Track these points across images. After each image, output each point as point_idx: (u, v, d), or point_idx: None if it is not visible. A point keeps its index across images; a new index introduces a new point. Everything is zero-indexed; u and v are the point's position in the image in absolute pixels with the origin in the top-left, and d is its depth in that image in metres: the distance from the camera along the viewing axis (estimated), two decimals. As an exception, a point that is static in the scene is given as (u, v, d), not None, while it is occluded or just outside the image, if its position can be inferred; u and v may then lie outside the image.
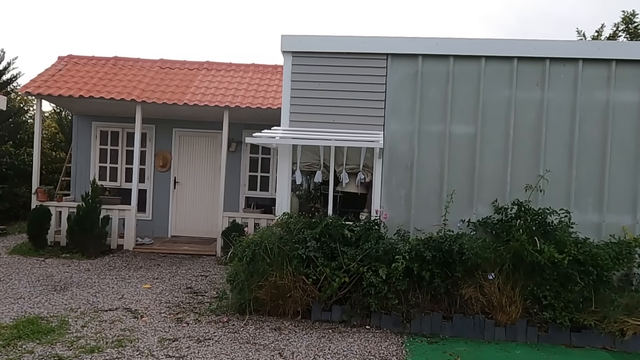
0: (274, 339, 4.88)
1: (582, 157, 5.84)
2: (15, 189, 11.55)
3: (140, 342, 4.65)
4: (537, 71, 5.89)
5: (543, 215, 5.44)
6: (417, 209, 5.96)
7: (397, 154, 6.01)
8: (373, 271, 5.27)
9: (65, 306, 5.61)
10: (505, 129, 5.91)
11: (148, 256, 8.67)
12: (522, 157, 5.88)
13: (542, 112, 5.87)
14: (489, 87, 5.93)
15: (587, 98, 5.86)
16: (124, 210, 9.06)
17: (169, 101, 8.85)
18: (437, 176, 5.97)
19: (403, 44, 5.97)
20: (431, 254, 5.19)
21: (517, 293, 5.20)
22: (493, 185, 5.89)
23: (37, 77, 9.36)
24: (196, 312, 5.62)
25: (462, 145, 5.96)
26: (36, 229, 8.46)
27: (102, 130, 10.52)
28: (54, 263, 7.77)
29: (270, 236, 5.51)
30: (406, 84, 6.02)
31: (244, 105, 8.85)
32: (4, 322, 4.95)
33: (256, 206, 9.98)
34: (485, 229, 5.73)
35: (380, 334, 5.20)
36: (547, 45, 5.84)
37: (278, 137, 5.92)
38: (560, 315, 5.13)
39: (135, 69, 10.09)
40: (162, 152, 10.46)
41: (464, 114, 5.97)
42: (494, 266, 5.26)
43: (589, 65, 5.86)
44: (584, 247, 5.24)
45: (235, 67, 10.45)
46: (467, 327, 5.27)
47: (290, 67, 6.13)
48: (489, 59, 5.91)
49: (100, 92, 8.92)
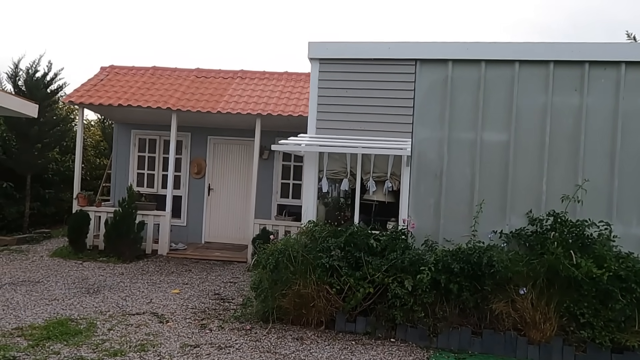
0: (295, 349, 4.81)
1: (625, 166, 5.49)
2: (60, 194, 12.05)
3: (163, 347, 4.69)
4: (576, 75, 5.60)
5: (581, 228, 5.14)
6: (446, 218, 5.76)
7: (425, 161, 5.85)
8: (398, 282, 5.13)
9: (96, 309, 5.76)
10: (540, 136, 5.64)
11: (181, 261, 8.81)
12: (558, 166, 5.58)
13: (581, 119, 5.56)
14: (523, 93, 5.69)
15: (631, 103, 5.51)
16: (158, 216, 9.26)
17: (203, 109, 9.01)
18: (468, 185, 5.76)
19: (432, 49, 5.83)
20: (459, 266, 4.99)
21: (552, 309, 4.91)
22: (527, 196, 5.62)
23: (80, 87, 9.76)
24: (220, 319, 5.63)
25: (495, 154, 5.73)
26: (75, 233, 8.77)
27: (140, 137, 10.85)
28: (90, 266, 8.03)
29: (294, 244, 5.47)
30: (435, 90, 5.86)
31: (275, 113, 8.89)
32: (36, 323, 5.13)
33: (288, 214, 9.98)
34: (519, 241, 5.47)
35: (406, 348, 5.03)
36: (586, 48, 5.55)
37: (304, 145, 5.88)
38: (600, 335, 4.80)
39: (172, 78, 10.35)
40: (197, 160, 10.66)
41: (496, 121, 5.74)
42: (526, 280, 4.99)
43: (632, 69, 5.51)
44: (626, 262, 4.91)
45: (268, 75, 10.55)
46: (497, 343, 5.03)
47: (317, 74, 6.10)
48: (523, 63, 5.67)
49: (138, 101, 9.20)
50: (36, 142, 10.91)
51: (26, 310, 5.55)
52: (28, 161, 10.74)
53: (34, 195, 11.23)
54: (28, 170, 10.80)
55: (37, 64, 11.23)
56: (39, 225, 11.36)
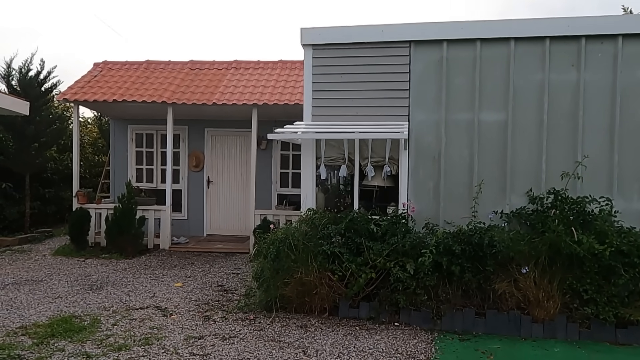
0: (299, 337, 4.82)
1: (624, 140, 5.43)
2: (60, 193, 12.03)
3: (167, 340, 4.70)
4: (572, 51, 5.53)
5: (582, 204, 5.11)
6: (446, 201, 5.73)
7: (423, 145, 5.80)
8: (400, 266, 5.11)
9: (99, 305, 5.76)
10: (538, 114, 5.58)
11: (183, 255, 8.81)
12: (557, 144, 5.53)
13: (579, 95, 5.50)
14: (520, 71, 5.62)
15: (629, 77, 5.44)
16: (159, 211, 9.25)
17: (198, 101, 8.95)
18: (467, 166, 5.72)
19: (426, 29, 5.75)
20: (460, 248, 4.97)
21: (555, 287, 4.91)
22: (527, 174, 5.58)
23: (74, 84, 9.70)
24: (224, 310, 5.64)
25: (493, 134, 5.68)
26: (76, 231, 8.76)
27: (137, 133, 10.80)
28: (93, 263, 8.03)
29: (294, 232, 5.45)
30: (431, 71, 5.79)
31: (271, 102, 8.83)
32: (40, 321, 5.13)
33: (288, 203, 9.96)
34: (520, 220, 5.44)
35: (410, 331, 5.03)
36: (582, 23, 5.47)
37: (300, 132, 5.84)
38: (604, 311, 4.79)
39: (167, 71, 10.27)
40: (195, 152, 10.62)
41: (493, 100, 5.68)
42: (528, 259, 4.98)
43: (630, 41, 5.43)
44: (628, 237, 4.89)
45: (263, 64, 10.46)
46: (501, 323, 5.02)
47: (311, 60, 6.03)
48: (518, 41, 5.60)
49: (132, 96, 9.14)
50: (33, 141, 10.86)
51: (30, 309, 5.56)
52: (26, 161, 10.71)
53: (34, 195, 11.21)
54: (26, 169, 10.77)
55: (29, 63, 11.15)
56: (40, 224, 11.36)
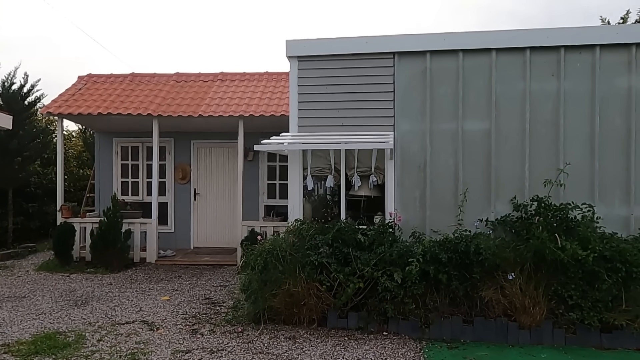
0: (287, 349, 4.79)
1: (605, 148, 5.55)
2: (44, 208, 11.85)
3: (154, 354, 4.64)
4: (552, 61, 5.65)
5: (564, 211, 5.19)
6: (432, 210, 5.78)
7: (409, 154, 5.86)
8: (388, 275, 5.13)
9: (84, 320, 5.67)
10: (520, 123, 5.68)
11: (170, 268, 8.73)
12: (540, 152, 5.63)
13: (559, 103, 5.62)
14: (502, 81, 5.73)
15: (607, 86, 5.58)
16: (145, 224, 9.17)
17: (184, 114, 8.93)
18: (452, 175, 5.79)
19: (409, 41, 5.84)
20: (447, 256, 5.01)
21: (541, 293, 4.96)
22: (511, 182, 5.67)
23: (58, 98, 9.62)
24: (212, 323, 5.59)
25: (477, 142, 5.76)
26: (61, 246, 8.64)
27: (122, 145, 10.72)
28: (78, 278, 7.91)
29: (282, 243, 5.44)
30: (415, 82, 5.87)
31: (257, 114, 8.85)
32: (23, 339, 5.03)
33: (276, 214, 9.94)
34: (504, 228, 5.50)
35: (398, 340, 5.03)
36: (561, 33, 5.60)
37: (287, 143, 5.85)
38: (589, 316, 4.85)
39: (152, 84, 10.25)
40: (181, 165, 10.57)
41: (476, 109, 5.77)
42: (514, 266, 5.03)
43: (607, 52, 5.58)
44: (610, 243, 4.97)
45: (249, 76, 10.49)
46: (489, 330, 5.06)
47: (297, 71, 6.08)
48: (500, 51, 5.71)
49: (117, 109, 9.08)
50: (16, 155, 10.73)
51: (12, 326, 5.45)
52: (9, 175, 10.57)
53: (17, 210, 11.05)
54: (9, 184, 10.62)
55: (12, 76, 11.06)
56: (23, 239, 11.17)
